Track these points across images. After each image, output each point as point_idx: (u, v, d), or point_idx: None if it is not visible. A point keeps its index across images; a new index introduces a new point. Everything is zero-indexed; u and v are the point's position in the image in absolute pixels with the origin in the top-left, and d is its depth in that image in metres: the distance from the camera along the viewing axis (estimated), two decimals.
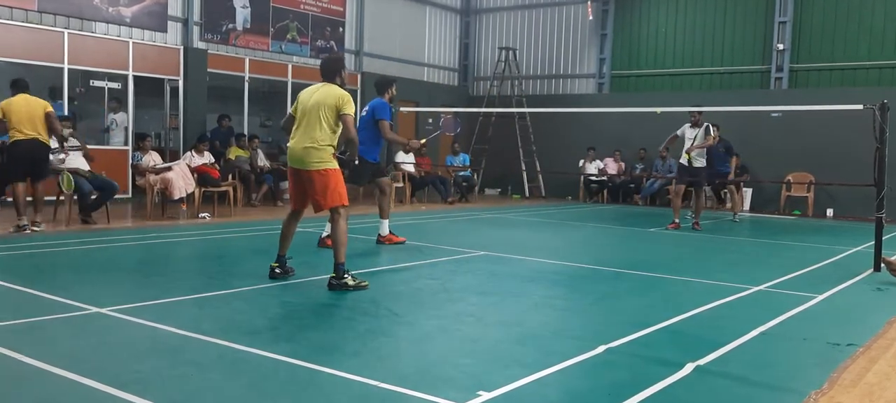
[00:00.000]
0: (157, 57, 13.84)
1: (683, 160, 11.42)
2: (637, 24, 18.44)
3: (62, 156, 9.50)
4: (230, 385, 3.57)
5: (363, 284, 5.90)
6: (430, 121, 19.56)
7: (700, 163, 11.40)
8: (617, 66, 18.85)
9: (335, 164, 6.03)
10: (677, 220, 11.60)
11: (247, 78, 15.34)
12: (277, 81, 16.19)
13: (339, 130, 6.01)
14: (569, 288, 6.55)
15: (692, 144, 11.28)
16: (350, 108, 5.96)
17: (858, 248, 9.56)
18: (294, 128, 6.07)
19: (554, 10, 19.79)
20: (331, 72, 6.15)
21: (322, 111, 5.90)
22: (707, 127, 11.31)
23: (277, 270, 6.19)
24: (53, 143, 9.82)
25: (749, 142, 16.10)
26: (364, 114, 8.41)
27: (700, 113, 11.44)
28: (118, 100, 13.53)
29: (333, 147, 6.02)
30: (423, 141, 9.13)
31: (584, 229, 11.80)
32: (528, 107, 18.59)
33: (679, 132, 11.62)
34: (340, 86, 6.13)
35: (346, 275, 5.84)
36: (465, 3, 20.88)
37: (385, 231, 8.69)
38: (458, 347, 4.43)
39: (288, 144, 6.13)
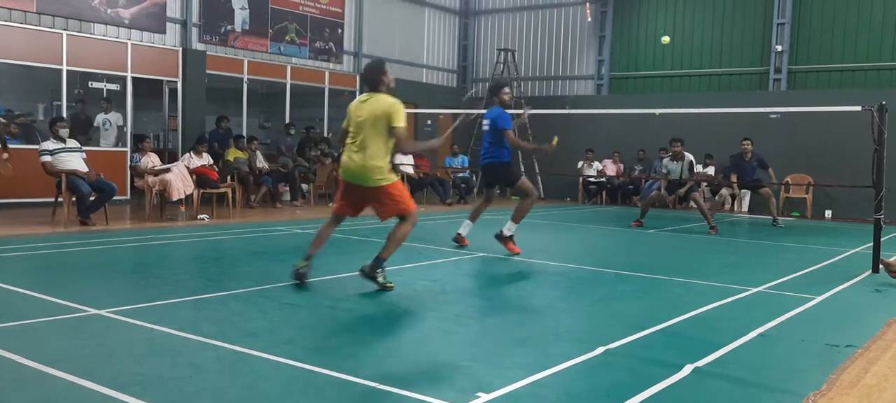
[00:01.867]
0: (156, 58, 13.84)
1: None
2: (636, 26, 18.46)
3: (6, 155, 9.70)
4: (229, 386, 3.56)
5: (389, 285, 5.86)
6: (430, 122, 19.58)
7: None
8: (616, 67, 18.87)
9: (394, 177, 5.90)
10: (641, 220, 12.14)
11: (245, 79, 15.34)
12: (276, 83, 16.19)
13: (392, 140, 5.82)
14: (567, 289, 6.55)
15: (678, 175, 11.88)
16: (401, 120, 5.73)
17: (857, 250, 9.56)
18: (348, 141, 5.92)
19: (553, 12, 19.80)
20: (374, 81, 5.99)
21: (375, 123, 5.73)
22: (691, 162, 11.84)
23: (301, 270, 5.96)
24: (52, 144, 9.85)
25: None
26: (485, 127, 8.39)
27: (681, 143, 11.88)
28: (108, 100, 13.46)
29: (390, 158, 5.87)
30: (554, 142, 8.64)
31: (582, 230, 11.80)
32: (527, 108, 18.54)
33: (664, 168, 12.25)
34: (387, 92, 5.97)
35: (380, 271, 5.82)
36: (463, 4, 20.90)
37: (509, 231, 8.37)
38: (457, 348, 4.43)
39: (342, 158, 5.99)
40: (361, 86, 17.53)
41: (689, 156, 11.98)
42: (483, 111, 17.12)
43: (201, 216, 11.02)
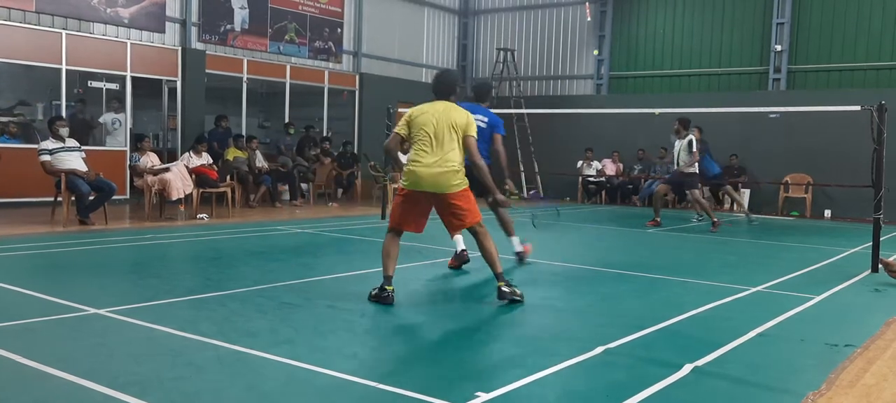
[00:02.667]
0: (156, 58, 13.83)
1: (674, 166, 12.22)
2: (635, 26, 18.46)
3: None
4: (228, 386, 3.56)
5: (518, 294, 5.61)
6: None
7: (690, 169, 11.91)
8: (615, 67, 18.87)
9: (467, 183, 5.76)
10: (658, 219, 12.30)
11: (245, 79, 15.33)
12: (276, 82, 16.19)
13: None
14: (567, 289, 6.55)
15: (678, 157, 11.96)
16: (475, 131, 5.72)
17: (856, 249, 9.57)
18: (421, 150, 5.58)
19: (552, 12, 19.80)
20: (449, 91, 5.85)
21: (454, 132, 5.59)
22: (690, 140, 11.77)
23: (384, 294, 5.49)
24: (51, 144, 9.85)
25: (747, 144, 16.16)
26: (483, 125, 7.77)
27: (679, 121, 11.96)
28: (119, 99, 13.47)
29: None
30: (509, 186, 7.78)
31: (582, 230, 11.80)
32: (527, 108, 18.59)
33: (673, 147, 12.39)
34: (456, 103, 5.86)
35: (508, 285, 5.61)
36: (463, 4, 20.89)
37: (517, 246, 7.72)
38: (457, 348, 4.43)
39: (414, 169, 5.57)
40: (367, 83, 17.52)
41: (690, 136, 11.91)
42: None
43: (201, 215, 11.02)
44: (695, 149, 11.76)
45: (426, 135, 5.59)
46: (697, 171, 12.10)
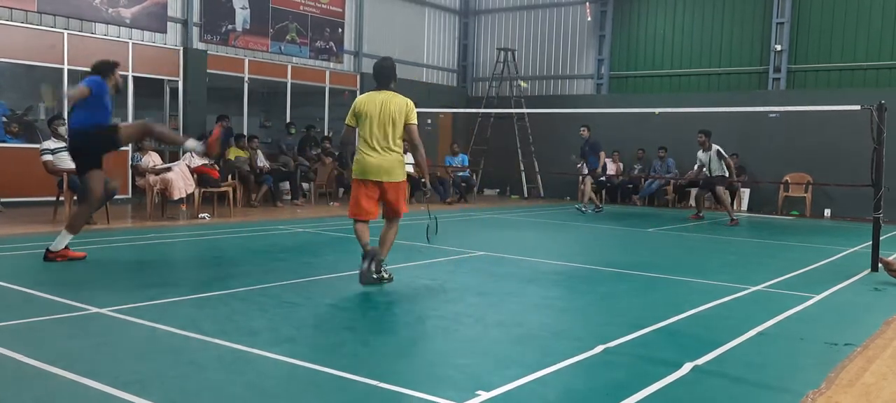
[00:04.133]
0: (157, 58, 13.85)
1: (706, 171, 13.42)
2: (635, 26, 18.46)
3: None
4: (230, 385, 3.57)
5: (390, 278, 6.11)
6: (430, 121, 19.59)
7: (719, 173, 13.24)
8: (615, 66, 18.88)
9: (406, 176, 6.20)
10: (700, 213, 13.86)
11: (246, 79, 15.35)
12: (277, 82, 16.20)
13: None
14: (567, 288, 6.57)
15: (710, 167, 13.22)
16: (415, 118, 6.01)
17: (856, 249, 9.58)
18: (368, 140, 5.89)
19: (552, 11, 19.80)
20: (389, 78, 6.04)
21: (397, 120, 5.90)
22: (718, 151, 13.07)
23: (374, 273, 5.95)
24: (52, 143, 9.86)
25: (747, 143, 16.17)
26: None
27: (703, 134, 13.23)
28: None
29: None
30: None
31: (582, 230, 11.81)
32: (527, 107, 18.60)
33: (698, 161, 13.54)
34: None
35: (384, 270, 6.07)
36: (463, 4, 20.90)
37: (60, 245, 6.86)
38: (457, 347, 4.45)
39: (361, 158, 5.93)
40: (368, 83, 17.54)
41: (716, 147, 13.13)
42: (487, 110, 17.08)
43: (202, 215, 11.03)
44: (726, 155, 13.15)
45: (371, 125, 5.89)
46: (726, 174, 13.28)
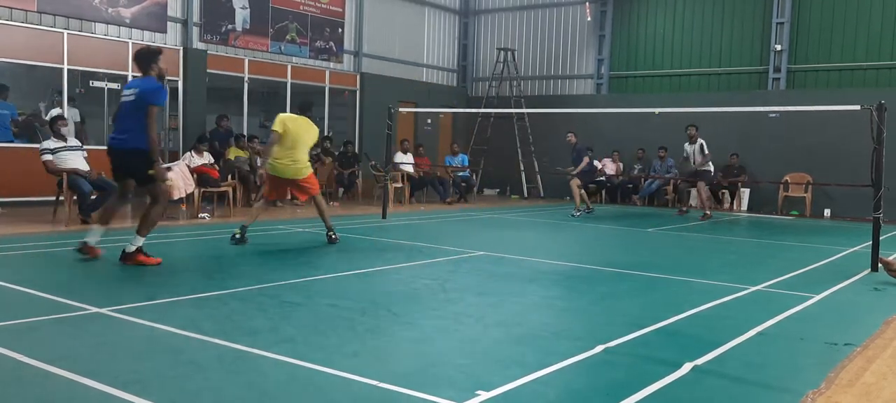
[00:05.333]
0: None
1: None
2: (635, 26, 18.47)
3: None
4: (229, 384, 3.58)
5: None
6: (430, 121, 19.60)
7: (705, 167, 13.88)
8: (615, 66, 18.88)
9: (311, 170, 8.79)
10: (709, 213, 13.93)
11: (246, 78, 15.35)
12: (277, 82, 16.20)
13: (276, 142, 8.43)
14: (567, 288, 6.57)
15: (693, 159, 13.94)
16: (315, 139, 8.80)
17: (856, 248, 9.58)
18: (287, 149, 8.36)
19: (552, 11, 19.80)
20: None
21: (307, 143, 8.67)
22: (701, 145, 13.75)
23: (237, 236, 8.24)
24: (53, 143, 9.86)
25: (747, 143, 16.17)
26: (132, 98, 7.05)
27: (695, 128, 13.87)
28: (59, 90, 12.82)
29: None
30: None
31: (582, 229, 11.81)
32: (527, 107, 18.60)
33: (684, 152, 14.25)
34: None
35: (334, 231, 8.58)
36: (463, 4, 20.90)
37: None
38: (457, 347, 4.44)
39: (276, 164, 8.43)
40: (368, 83, 17.55)
41: (701, 140, 13.76)
42: (487, 110, 17.09)
43: (202, 214, 11.04)
44: (707, 151, 13.71)
45: (291, 142, 8.35)
46: (711, 169, 14.08)
